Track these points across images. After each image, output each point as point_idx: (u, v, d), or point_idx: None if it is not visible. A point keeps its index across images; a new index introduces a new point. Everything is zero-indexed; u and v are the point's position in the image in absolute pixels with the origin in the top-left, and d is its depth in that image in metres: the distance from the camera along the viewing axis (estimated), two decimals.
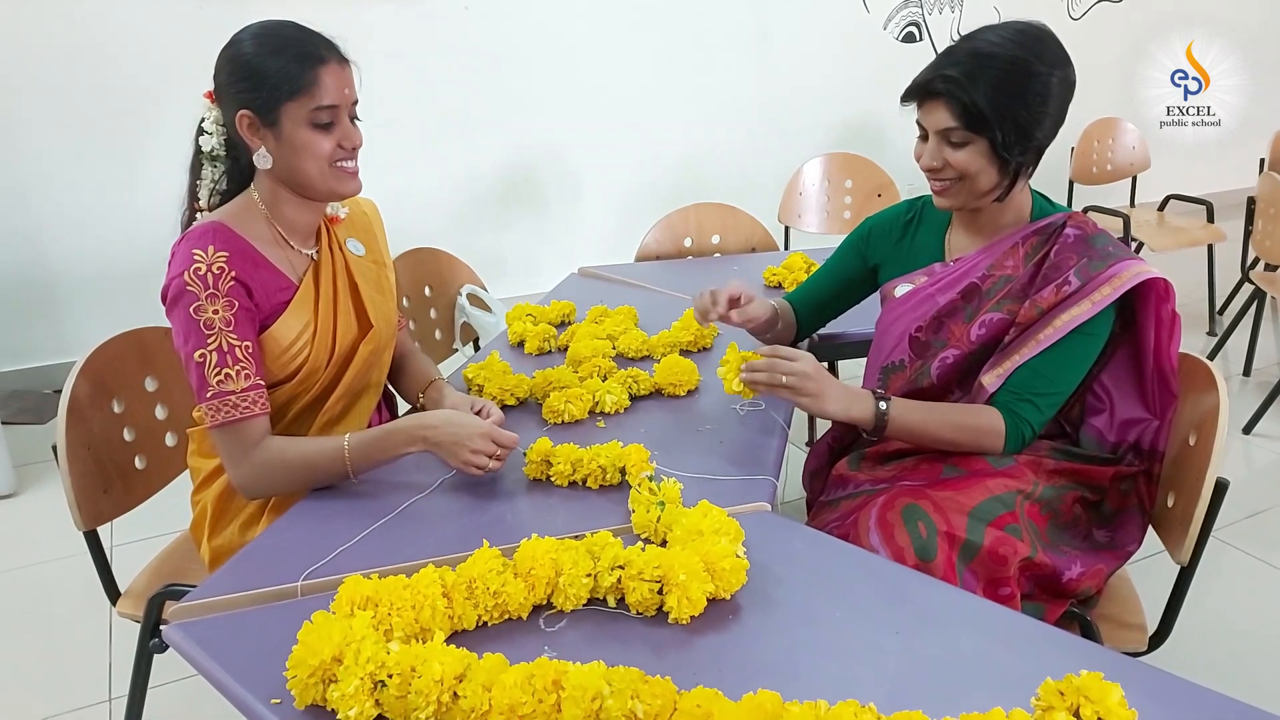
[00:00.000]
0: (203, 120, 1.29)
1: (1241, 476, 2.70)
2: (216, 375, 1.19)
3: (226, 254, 1.21)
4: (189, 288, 1.19)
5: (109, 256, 3.16)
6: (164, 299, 1.23)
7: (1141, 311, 1.32)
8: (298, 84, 1.21)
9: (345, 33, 1.30)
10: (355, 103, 1.29)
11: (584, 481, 1.20)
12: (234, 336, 1.21)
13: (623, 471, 1.19)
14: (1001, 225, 1.38)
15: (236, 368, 1.21)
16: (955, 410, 1.32)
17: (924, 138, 1.33)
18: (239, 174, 1.32)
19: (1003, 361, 1.31)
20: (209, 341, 1.19)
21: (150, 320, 1.51)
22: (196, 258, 1.20)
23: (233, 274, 1.21)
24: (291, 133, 1.23)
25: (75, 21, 2.93)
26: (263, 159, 1.25)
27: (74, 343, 3.20)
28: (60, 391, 3.24)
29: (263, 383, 1.24)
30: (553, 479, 1.21)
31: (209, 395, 1.20)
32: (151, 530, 1.69)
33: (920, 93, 1.30)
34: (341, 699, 0.78)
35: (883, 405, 1.28)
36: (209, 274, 1.19)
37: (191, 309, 1.19)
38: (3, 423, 2.55)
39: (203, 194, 1.31)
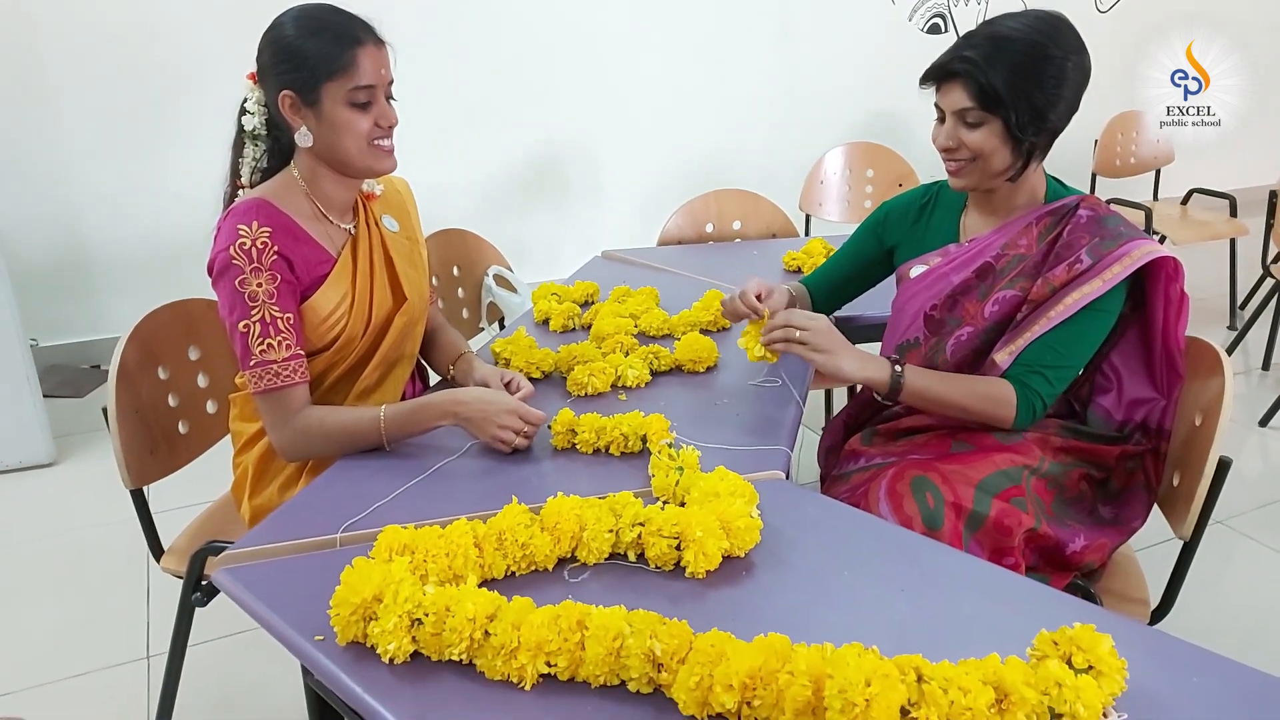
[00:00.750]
0: (245, 100, 1.35)
1: (1257, 468, 2.71)
2: (260, 345, 1.26)
3: (269, 229, 1.27)
4: (234, 261, 1.25)
5: (144, 236, 3.26)
6: (210, 272, 1.30)
7: (1151, 291, 1.36)
8: (337, 65, 1.27)
9: (366, 15, 1.35)
10: (391, 83, 1.35)
11: (607, 448, 1.25)
12: (276, 308, 1.27)
13: (644, 439, 1.24)
14: (1015, 206, 1.42)
15: (278, 338, 1.27)
16: (968, 379, 1.36)
17: (941, 120, 1.37)
18: (279, 152, 1.38)
19: (1015, 339, 1.35)
20: (253, 313, 1.26)
21: (184, 295, 1.58)
22: (241, 233, 1.26)
23: (275, 248, 1.27)
24: (331, 111, 1.29)
25: (117, 9, 3.01)
26: (304, 137, 1.32)
27: (110, 320, 3.30)
28: (97, 367, 3.34)
29: (303, 353, 1.30)
30: (578, 446, 1.26)
31: (252, 364, 1.26)
32: (190, 499, 1.76)
33: (939, 74, 1.34)
34: (381, 634, 0.84)
35: (898, 369, 1.33)
36: (253, 248, 1.26)
37: (237, 282, 1.25)
38: (43, 395, 2.64)
39: (245, 171, 1.37)
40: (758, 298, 1.45)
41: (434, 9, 3.43)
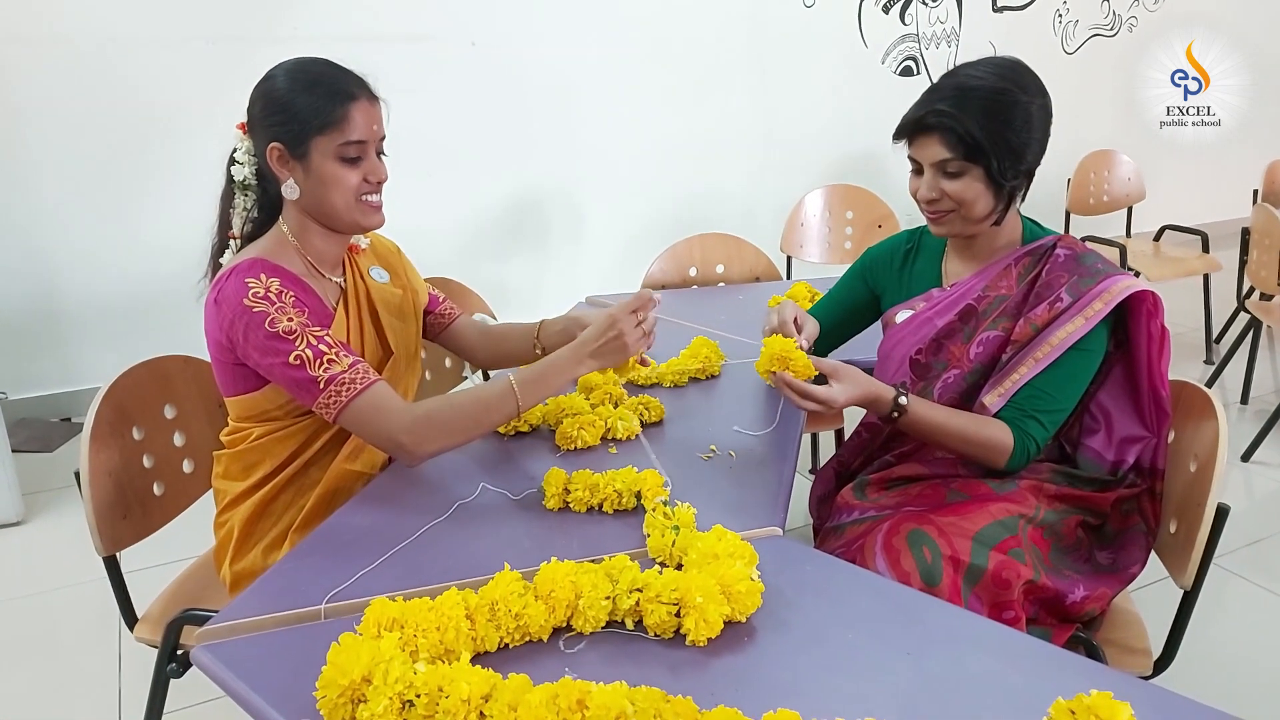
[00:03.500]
0: (235, 150, 1.33)
1: (1241, 504, 2.72)
2: (320, 366, 1.21)
3: (278, 279, 1.25)
4: (255, 309, 1.21)
5: (115, 288, 3.20)
6: (221, 336, 1.25)
7: (1134, 328, 1.36)
8: (328, 119, 1.25)
9: (355, 69, 1.34)
10: (383, 139, 1.33)
11: (600, 506, 1.22)
12: (317, 331, 1.23)
13: (638, 496, 1.21)
14: (995, 249, 1.43)
15: (333, 352, 1.22)
16: (967, 417, 1.36)
17: (918, 171, 1.38)
18: (269, 204, 1.36)
19: (1003, 381, 1.35)
20: (298, 344, 1.21)
21: (155, 350, 1.54)
22: (251, 284, 1.22)
23: (292, 294, 1.25)
24: (320, 166, 1.27)
25: (89, 58, 2.99)
26: (290, 190, 1.29)
27: (81, 372, 3.23)
28: (68, 420, 3.26)
29: (361, 358, 1.26)
30: (571, 505, 1.23)
31: (322, 386, 1.21)
32: (163, 557, 1.71)
33: (913, 128, 1.35)
34: (371, 718, 0.80)
35: (903, 400, 1.32)
36: (269, 294, 1.22)
37: (267, 324, 1.21)
38: (11, 450, 2.56)
39: (236, 221, 1.35)
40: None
41: (416, 54, 3.44)
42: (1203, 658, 1.86)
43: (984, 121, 1.29)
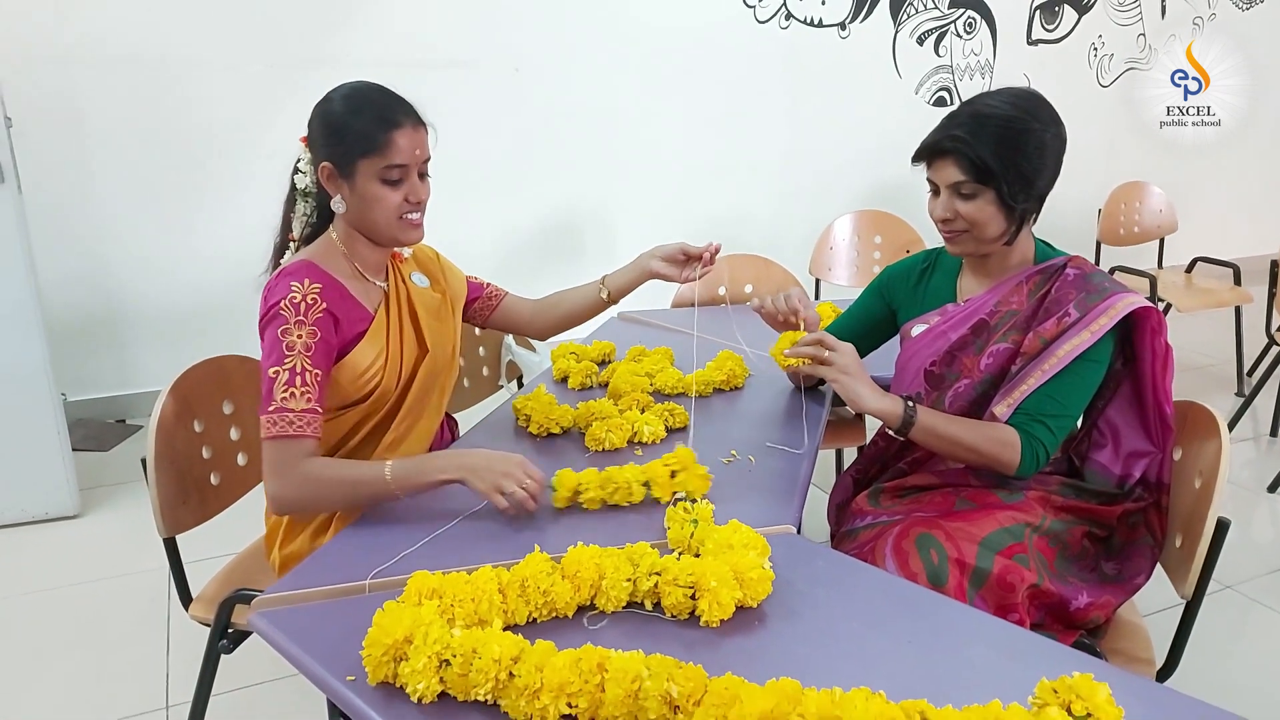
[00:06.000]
0: (298, 161, 1.46)
1: (1268, 534, 2.72)
2: (283, 392, 1.30)
3: (320, 285, 1.36)
4: (282, 312, 1.33)
5: (172, 295, 3.36)
6: (260, 324, 1.37)
7: (1139, 345, 1.43)
8: (373, 143, 1.36)
9: (405, 95, 1.44)
10: (426, 161, 1.44)
11: (614, 495, 1.29)
12: (308, 361, 1.33)
13: (672, 475, 1.30)
14: (1008, 267, 1.50)
15: (302, 390, 1.31)
16: (976, 423, 1.42)
17: (935, 193, 1.46)
18: (326, 210, 1.47)
19: (1012, 392, 1.41)
20: (285, 361, 1.31)
21: (209, 353, 1.64)
22: (294, 288, 1.34)
23: (324, 305, 1.35)
24: (364, 186, 1.38)
25: (154, 79, 3.16)
26: (338, 205, 1.41)
27: (137, 375, 3.39)
28: (123, 421, 3.40)
29: (320, 410, 1.34)
30: (583, 504, 1.30)
31: (270, 409, 1.31)
32: (214, 550, 1.81)
33: (930, 152, 1.43)
34: (411, 674, 0.88)
35: (910, 404, 1.39)
36: (303, 303, 1.33)
37: (280, 330, 1.32)
38: (71, 449, 2.70)
39: (296, 225, 1.48)
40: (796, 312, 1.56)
41: (462, 79, 3.59)
42: (1226, 684, 1.87)
43: (996, 148, 1.36)
